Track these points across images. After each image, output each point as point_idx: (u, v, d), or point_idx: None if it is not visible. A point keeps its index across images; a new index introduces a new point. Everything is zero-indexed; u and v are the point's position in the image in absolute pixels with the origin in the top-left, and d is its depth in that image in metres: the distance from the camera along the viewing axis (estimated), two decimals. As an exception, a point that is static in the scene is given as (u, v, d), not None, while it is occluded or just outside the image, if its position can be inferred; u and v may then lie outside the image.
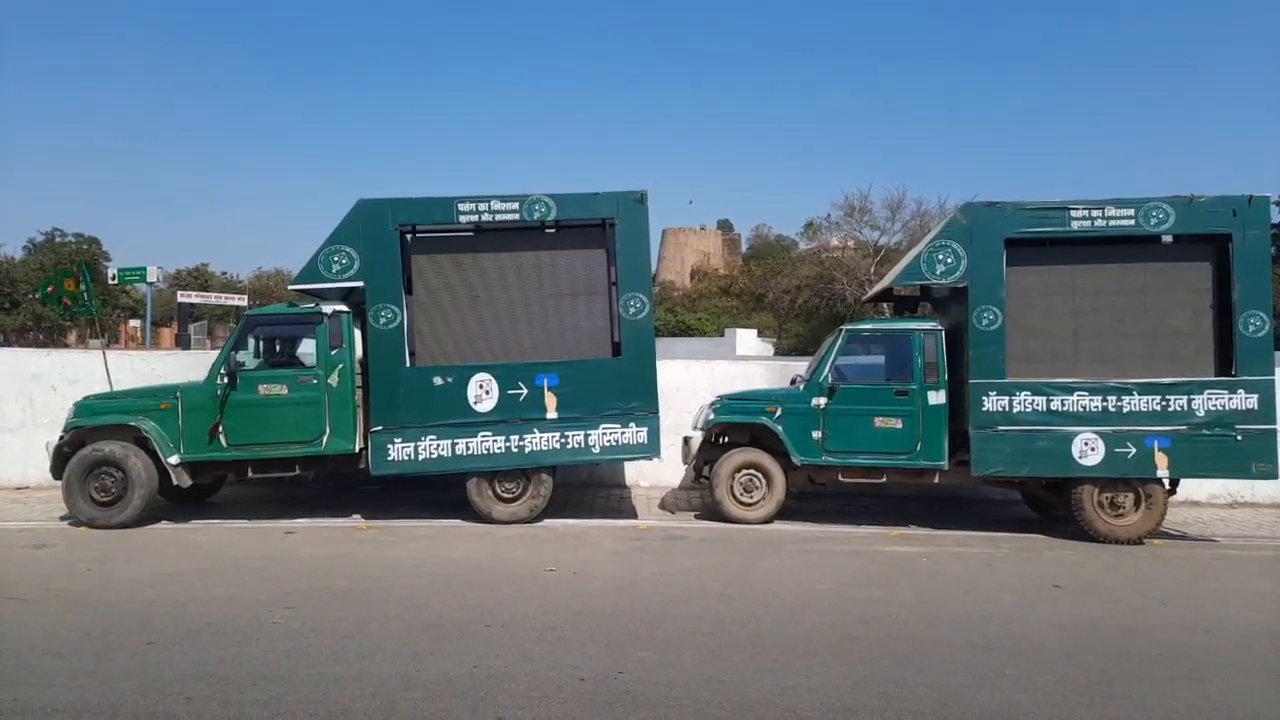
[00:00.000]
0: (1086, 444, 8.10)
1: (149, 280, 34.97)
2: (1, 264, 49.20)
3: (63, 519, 8.46)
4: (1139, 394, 8.08)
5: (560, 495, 9.16)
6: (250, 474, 8.59)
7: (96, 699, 4.16)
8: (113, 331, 41.91)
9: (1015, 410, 8.17)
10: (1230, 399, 7.99)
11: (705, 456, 9.07)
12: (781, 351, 39.52)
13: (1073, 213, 8.18)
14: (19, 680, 4.39)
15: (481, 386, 8.46)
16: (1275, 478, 8.13)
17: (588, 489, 10.69)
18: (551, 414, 8.46)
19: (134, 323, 47.85)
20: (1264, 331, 7.98)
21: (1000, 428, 8.20)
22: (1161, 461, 8.05)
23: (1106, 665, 4.85)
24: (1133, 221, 8.13)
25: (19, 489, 10.30)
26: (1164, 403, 8.05)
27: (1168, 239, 8.25)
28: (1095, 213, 8.16)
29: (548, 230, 8.70)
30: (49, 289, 10.60)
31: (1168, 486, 8.32)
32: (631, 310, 8.50)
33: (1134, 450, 8.06)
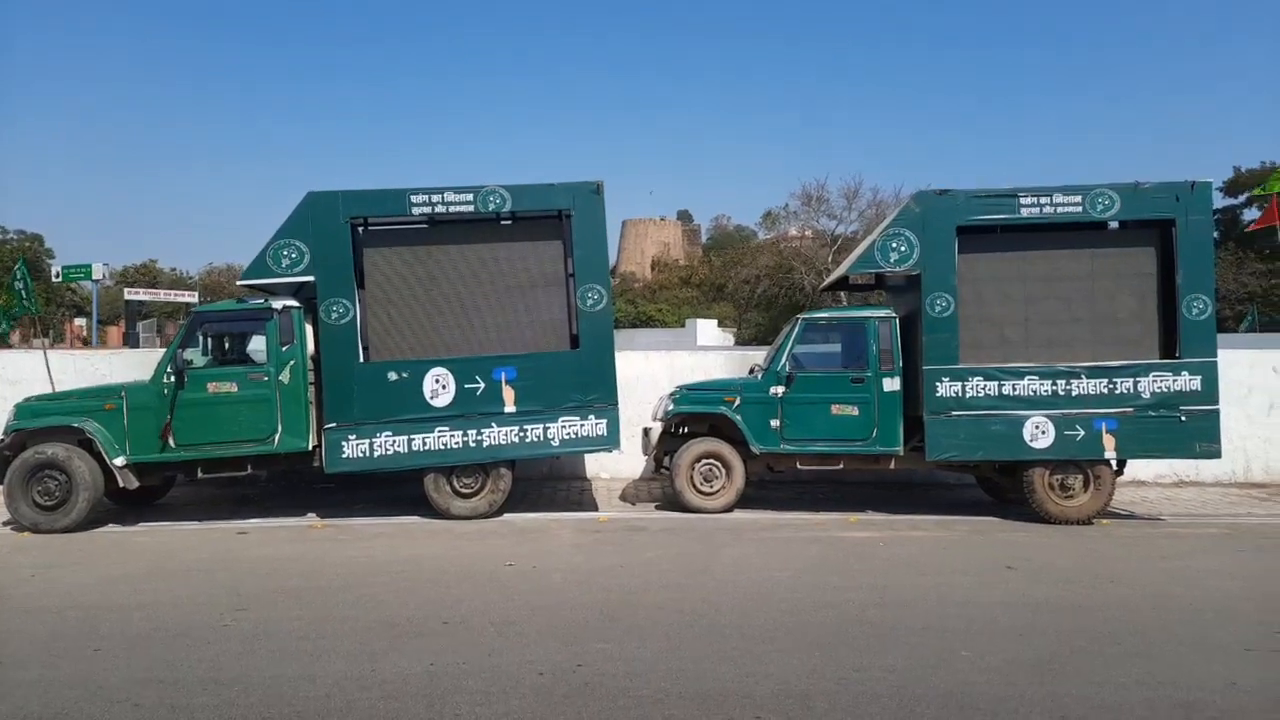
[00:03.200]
0: (1037, 427, 8.25)
1: (94, 278, 34.03)
2: (-62, 262, 47.49)
3: (5, 524, 8.21)
4: (1087, 377, 8.24)
5: (520, 489, 9.12)
6: (200, 474, 8.41)
7: (39, 708, 4.03)
8: (57, 330, 40.74)
9: (968, 395, 8.30)
10: (1174, 380, 8.19)
11: (665, 447, 9.09)
12: (742, 341, 39.72)
13: (1022, 200, 8.31)
14: (-44, 692, 4.25)
15: (438, 381, 8.36)
16: (1219, 457, 8.36)
17: (548, 482, 10.65)
18: (510, 408, 8.40)
19: (79, 321, 46.54)
20: (1207, 314, 8.19)
21: (954, 413, 8.31)
22: (1109, 443, 8.23)
23: (1057, 643, 4.94)
24: (1080, 208, 8.28)
25: (-42, 494, 9.96)
26: (1111, 385, 8.23)
27: (1114, 225, 8.43)
28: (1044, 200, 8.29)
29: (503, 222, 8.62)
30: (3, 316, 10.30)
31: (1115, 467, 8.51)
32: (589, 302, 8.46)
33: (1083, 432, 8.23)
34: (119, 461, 8.04)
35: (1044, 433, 8.25)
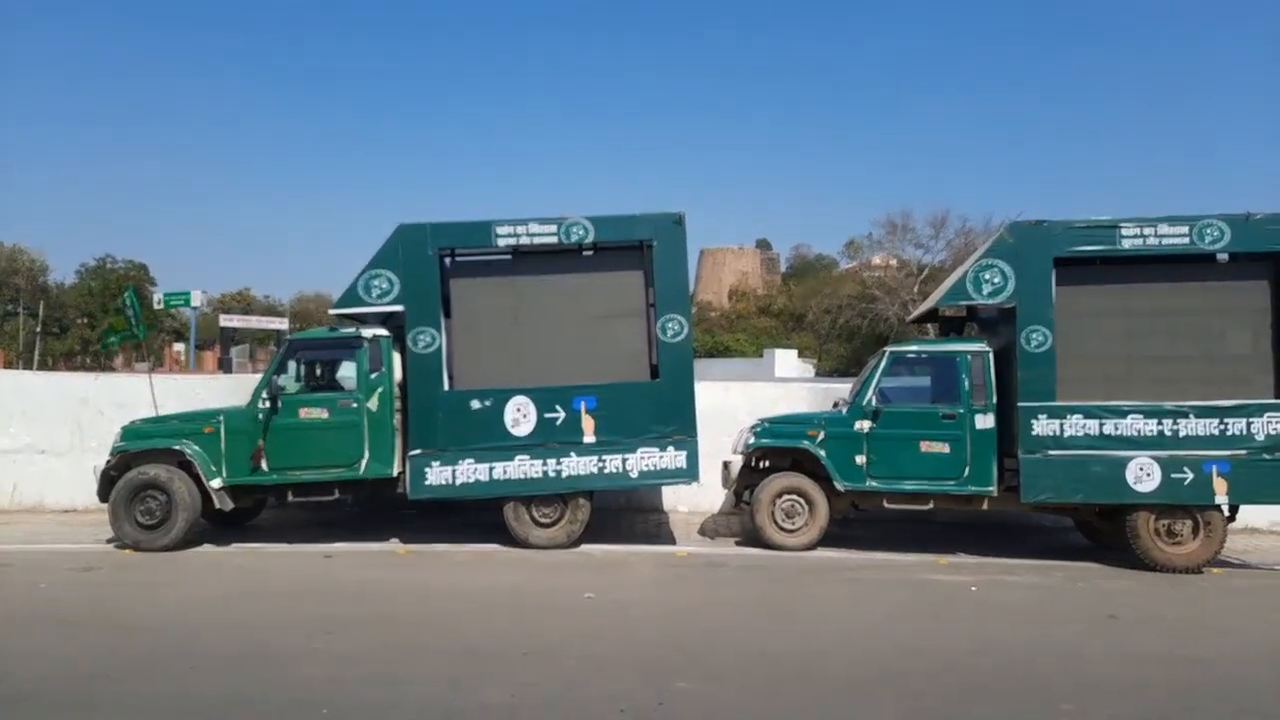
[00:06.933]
0: (1141, 469, 7.85)
1: (193, 304, 35.78)
2: (51, 290, 50.64)
3: (109, 542, 8.55)
4: (1196, 417, 7.82)
5: (597, 520, 9.08)
6: (290, 497, 8.63)
7: (138, 725, 4.16)
8: (157, 355, 42.86)
9: (1066, 434, 7.95)
10: (1292, 422, 7.71)
11: (745, 481, 8.94)
12: (822, 373, 39.22)
13: (1123, 231, 7.99)
14: (65, 703, 4.42)
15: (519, 410, 8.44)
16: (1342, 504, 7.81)
17: (625, 514, 10.59)
18: (589, 438, 8.41)
19: (178, 346, 48.88)
20: (1326, 352, 7.70)
21: (1051, 452, 7.98)
22: (1220, 487, 7.77)
23: (1167, 700, 4.67)
24: (1186, 240, 7.92)
25: (66, 511, 10.46)
26: (1222, 426, 7.79)
27: (1223, 257, 8.02)
28: (1147, 231, 7.96)
29: (585, 253, 8.69)
30: (110, 334, 10.87)
31: (1227, 513, 8.04)
32: (669, 332, 8.44)
33: (1191, 475, 7.79)
34: (216, 483, 8.32)
35: (1149, 475, 7.84)
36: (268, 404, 8.37)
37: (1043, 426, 7.97)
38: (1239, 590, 7.52)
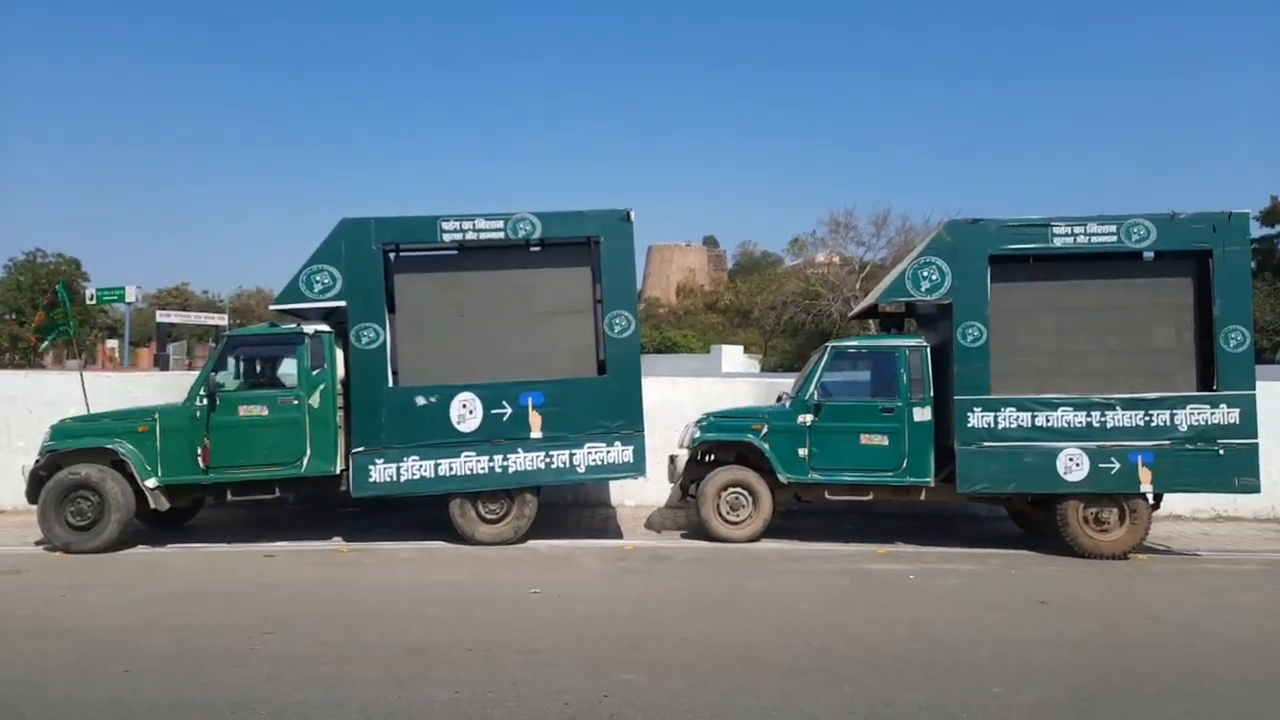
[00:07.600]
0: (1071, 459, 8.12)
1: (127, 300, 34.72)
2: (-24, 285, 48.56)
3: (38, 544, 8.31)
4: (1122, 409, 8.11)
5: (545, 515, 9.08)
6: (229, 497, 8.45)
7: (69, 730, 4.06)
8: (90, 352, 41.47)
9: (1000, 426, 8.19)
10: (1212, 414, 8.04)
11: (691, 475, 9.03)
12: (768, 368, 39.57)
13: (1055, 230, 8.24)
14: (-11, 712, 4.29)
15: (465, 406, 8.39)
16: (1258, 491, 8.18)
17: (572, 509, 10.61)
18: (536, 433, 8.40)
19: (111, 343, 47.34)
20: (1244, 346, 8.05)
21: (985, 444, 8.21)
22: (1145, 476, 8.08)
23: (1092, 681, 4.84)
24: (1115, 238, 8.20)
25: (-7, 513, 10.11)
26: (1147, 418, 8.09)
27: (1149, 255, 8.33)
28: (1077, 229, 8.22)
29: (532, 249, 8.67)
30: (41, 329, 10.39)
31: (1151, 501, 8.35)
32: (617, 328, 8.47)
33: (1118, 465, 8.08)
34: (151, 483, 8.11)
35: (1078, 465, 8.11)
36: (205, 401, 8.19)
37: (978, 419, 8.20)
38: (1162, 576, 7.79)
